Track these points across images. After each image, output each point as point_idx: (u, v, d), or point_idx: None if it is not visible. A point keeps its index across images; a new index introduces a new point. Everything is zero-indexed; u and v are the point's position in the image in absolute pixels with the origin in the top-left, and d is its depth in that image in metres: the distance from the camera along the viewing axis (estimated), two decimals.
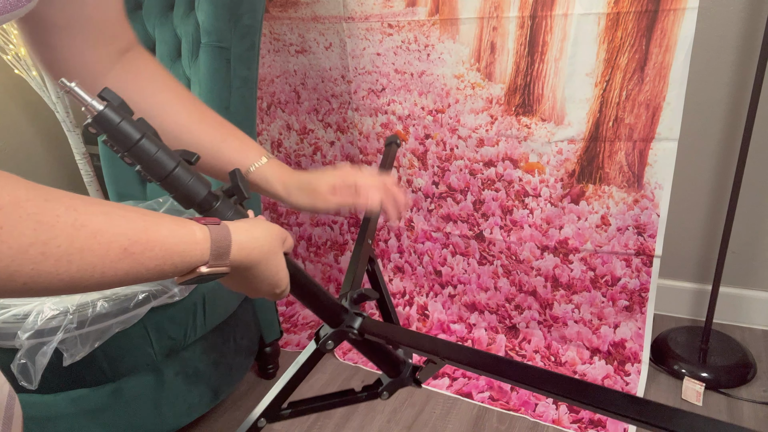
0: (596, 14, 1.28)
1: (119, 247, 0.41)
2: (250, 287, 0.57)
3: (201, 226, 0.49)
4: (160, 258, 0.45)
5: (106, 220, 0.41)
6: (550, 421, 1.40)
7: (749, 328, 1.67)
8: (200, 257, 0.48)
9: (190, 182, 0.56)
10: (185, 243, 0.47)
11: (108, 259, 0.41)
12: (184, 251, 0.46)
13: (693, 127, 1.52)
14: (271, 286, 0.58)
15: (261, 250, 0.54)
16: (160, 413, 1.23)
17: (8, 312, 1.04)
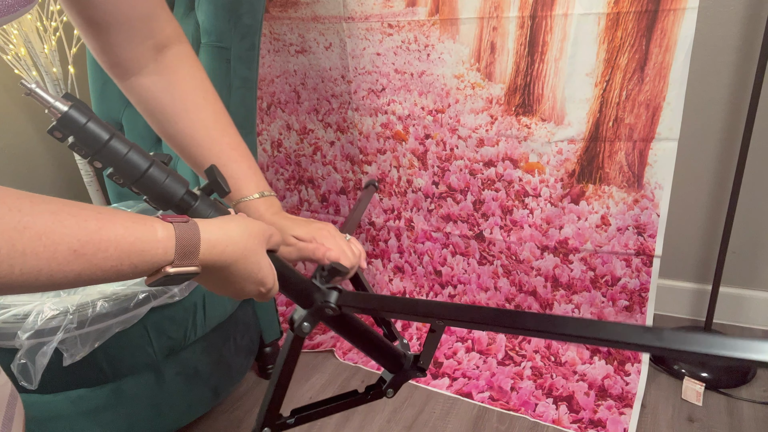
0: (596, 14, 1.28)
1: (68, 248, 0.39)
2: (231, 288, 0.54)
3: (164, 224, 0.46)
4: (116, 258, 0.42)
5: (53, 220, 0.38)
6: (550, 421, 1.40)
7: (749, 328, 1.67)
8: (163, 256, 0.45)
9: (165, 182, 0.53)
10: (144, 242, 0.44)
11: (55, 261, 0.38)
12: (143, 250, 0.44)
13: (693, 127, 1.52)
14: (255, 285, 0.55)
15: (236, 247, 0.51)
16: (160, 413, 1.23)
17: (8, 312, 1.04)
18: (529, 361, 1.59)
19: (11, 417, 0.55)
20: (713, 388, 1.45)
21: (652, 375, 1.51)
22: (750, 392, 1.44)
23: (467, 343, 1.69)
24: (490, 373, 1.57)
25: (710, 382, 1.46)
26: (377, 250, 1.83)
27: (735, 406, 1.41)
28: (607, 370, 1.51)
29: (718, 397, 1.43)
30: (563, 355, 1.58)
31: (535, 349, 1.62)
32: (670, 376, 1.51)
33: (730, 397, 1.43)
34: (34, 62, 1.75)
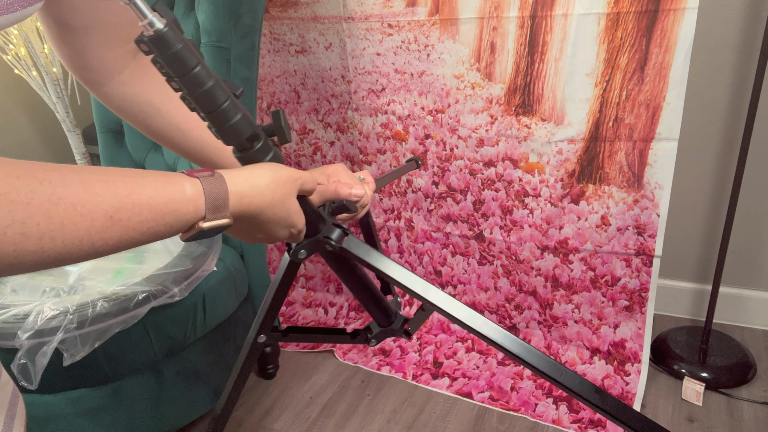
0: (596, 14, 1.28)
1: (104, 215, 0.39)
2: (262, 234, 0.56)
3: (191, 180, 0.46)
4: (151, 220, 0.42)
5: (84, 189, 0.38)
6: (550, 421, 1.40)
7: (749, 328, 1.67)
8: (195, 213, 0.46)
9: (235, 119, 0.53)
10: (176, 201, 0.44)
11: (94, 230, 0.38)
12: (176, 210, 0.44)
13: (693, 127, 1.52)
14: (285, 229, 0.57)
15: (263, 198, 0.52)
16: (160, 413, 1.23)
17: (8, 312, 1.04)
18: None
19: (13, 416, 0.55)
20: (713, 388, 1.45)
21: (652, 375, 1.51)
22: (750, 392, 1.44)
23: (467, 343, 1.69)
24: (490, 373, 1.57)
25: (710, 382, 1.46)
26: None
27: (735, 406, 1.41)
28: (607, 370, 1.51)
29: (718, 397, 1.43)
30: (563, 355, 1.58)
31: None
32: (670, 376, 1.51)
33: (730, 397, 1.43)
34: (34, 62, 1.75)
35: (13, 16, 0.46)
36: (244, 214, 0.51)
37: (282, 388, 1.59)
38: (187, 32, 1.35)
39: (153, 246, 1.33)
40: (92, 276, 1.21)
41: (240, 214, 0.50)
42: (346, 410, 1.49)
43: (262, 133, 0.57)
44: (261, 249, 1.49)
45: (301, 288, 2.01)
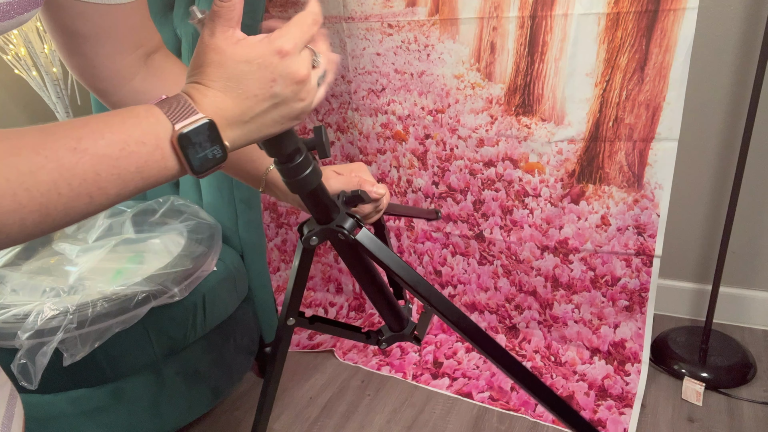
0: (596, 14, 1.28)
1: (86, 194, 0.38)
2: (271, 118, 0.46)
3: (145, 106, 0.42)
4: (119, 141, 0.39)
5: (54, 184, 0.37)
6: (550, 421, 1.40)
7: (749, 328, 1.67)
8: (157, 122, 0.40)
9: (283, 134, 0.52)
10: (132, 117, 0.40)
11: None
12: (135, 123, 0.40)
13: (693, 127, 1.52)
14: (285, 83, 0.44)
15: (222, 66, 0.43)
16: (160, 413, 1.23)
17: (8, 312, 1.04)
18: (529, 361, 1.59)
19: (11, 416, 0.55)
20: (713, 388, 1.45)
21: (652, 375, 1.51)
22: (750, 392, 1.44)
23: (467, 342, 1.69)
24: (490, 373, 1.57)
25: (710, 382, 1.46)
26: None
27: (735, 406, 1.41)
28: (607, 370, 1.51)
29: (718, 397, 1.43)
30: (563, 355, 1.58)
31: (535, 349, 1.62)
32: (670, 376, 1.51)
33: (730, 397, 1.43)
34: (34, 62, 1.75)
35: (8, 23, 0.45)
36: (209, 98, 0.43)
37: (282, 388, 1.59)
38: (186, 32, 1.35)
39: (153, 246, 1.33)
40: (92, 276, 1.21)
41: (207, 104, 0.42)
42: (346, 410, 1.49)
43: (304, 147, 0.59)
44: (261, 249, 1.49)
45: None
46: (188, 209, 1.39)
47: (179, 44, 1.39)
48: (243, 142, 0.46)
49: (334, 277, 1.95)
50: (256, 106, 0.44)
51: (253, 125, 0.45)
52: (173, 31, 1.40)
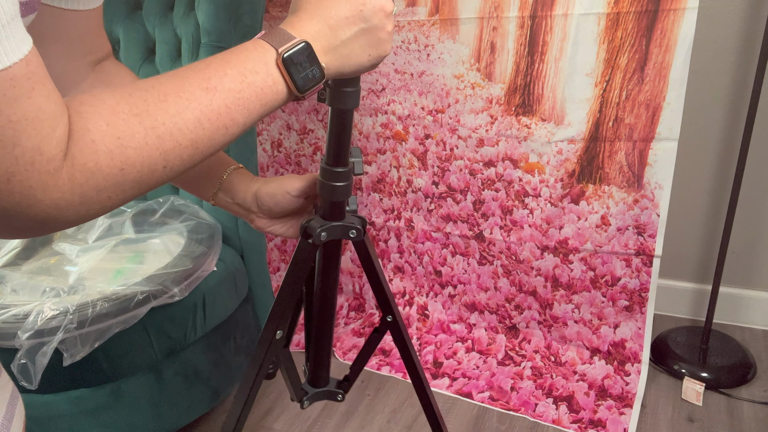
0: (596, 14, 1.28)
1: (222, 126, 0.44)
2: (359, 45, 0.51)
3: (252, 42, 0.48)
4: (252, 95, 0.45)
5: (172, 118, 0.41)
6: (550, 421, 1.40)
7: (749, 328, 1.67)
8: (264, 51, 0.47)
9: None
10: (245, 51, 0.46)
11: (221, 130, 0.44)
12: (247, 57, 0.46)
13: (693, 127, 1.52)
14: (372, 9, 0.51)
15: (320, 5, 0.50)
16: (160, 413, 1.23)
17: (8, 312, 1.04)
18: (529, 361, 1.59)
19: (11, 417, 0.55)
20: (713, 388, 1.45)
21: (652, 375, 1.51)
22: (750, 392, 1.44)
23: (467, 343, 1.69)
24: (490, 373, 1.57)
25: (710, 382, 1.46)
26: (377, 250, 1.83)
27: (735, 406, 1.41)
28: (607, 370, 1.51)
29: (718, 397, 1.43)
30: (563, 355, 1.58)
31: (535, 349, 1.62)
32: (670, 376, 1.51)
33: (730, 397, 1.43)
34: None
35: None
36: (309, 20, 0.49)
37: (282, 388, 1.59)
38: (187, 32, 1.35)
39: (153, 246, 1.33)
40: (92, 276, 1.21)
41: (304, 24, 0.48)
42: (346, 410, 1.49)
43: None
44: (261, 249, 1.49)
45: None
46: (188, 209, 1.39)
47: (179, 44, 1.39)
48: (336, 65, 0.51)
49: None
50: (346, 28, 0.49)
51: (344, 50, 0.50)
52: (173, 30, 1.40)
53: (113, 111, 0.38)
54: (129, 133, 0.38)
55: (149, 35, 1.45)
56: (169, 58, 1.41)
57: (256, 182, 0.72)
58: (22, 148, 0.33)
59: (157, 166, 0.40)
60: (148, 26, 1.45)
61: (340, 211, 0.70)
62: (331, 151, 0.65)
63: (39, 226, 0.37)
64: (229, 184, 0.71)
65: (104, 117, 0.38)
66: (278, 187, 0.70)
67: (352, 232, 0.70)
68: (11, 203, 0.34)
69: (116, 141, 0.38)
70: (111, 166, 0.38)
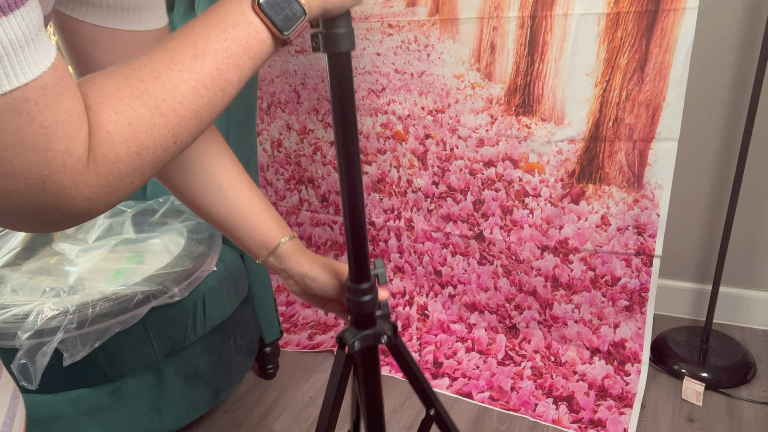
0: (596, 14, 1.28)
1: (219, 89, 0.44)
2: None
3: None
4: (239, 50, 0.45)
5: (169, 88, 0.42)
6: (550, 421, 1.40)
7: (749, 328, 1.67)
8: (246, 3, 0.46)
9: None
10: (234, 14, 0.46)
11: (219, 94, 0.44)
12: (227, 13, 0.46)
13: (693, 127, 1.52)
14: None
15: None
16: (160, 413, 1.23)
17: (8, 312, 1.04)
18: (529, 361, 1.59)
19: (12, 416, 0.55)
20: (713, 388, 1.45)
21: (652, 375, 1.51)
22: (750, 392, 1.44)
23: (467, 343, 1.69)
24: (490, 373, 1.57)
25: (710, 382, 1.46)
26: (377, 250, 1.83)
27: (735, 406, 1.41)
28: (607, 370, 1.51)
29: (718, 397, 1.43)
30: (563, 355, 1.58)
31: (535, 349, 1.62)
32: (670, 376, 1.51)
33: (730, 397, 1.43)
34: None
35: None
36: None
37: (282, 388, 1.59)
38: None
39: (153, 246, 1.33)
40: (92, 276, 1.21)
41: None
42: (345, 409, 1.49)
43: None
44: None
45: None
46: (188, 209, 1.39)
47: None
48: (318, 1, 0.50)
49: None
50: None
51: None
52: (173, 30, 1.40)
53: (117, 97, 0.39)
54: (137, 117, 0.39)
55: None
56: None
57: (307, 257, 0.74)
58: (54, 152, 0.35)
59: (168, 143, 0.41)
60: None
61: (371, 320, 0.73)
62: (351, 261, 0.68)
63: (73, 218, 0.38)
64: (283, 252, 0.73)
65: (111, 106, 0.39)
66: (328, 271, 0.74)
67: (383, 338, 0.74)
68: (47, 202, 0.36)
69: (128, 128, 0.39)
70: (128, 153, 0.39)
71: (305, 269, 0.74)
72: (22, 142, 0.33)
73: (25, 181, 0.35)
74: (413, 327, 1.77)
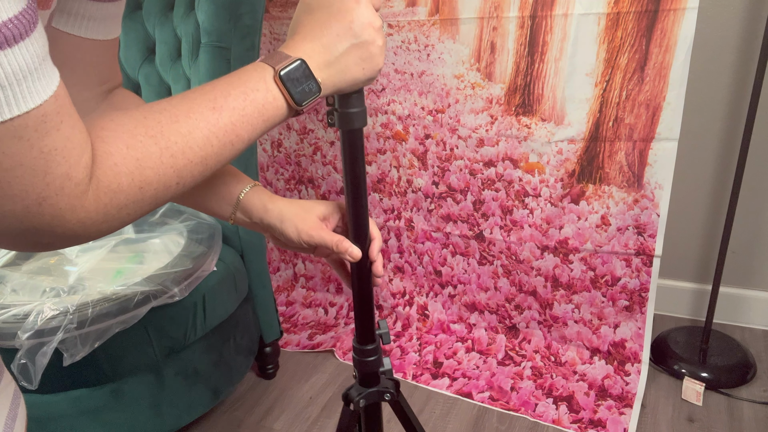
0: (596, 14, 1.28)
1: (229, 142, 0.47)
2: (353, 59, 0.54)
3: (252, 64, 0.50)
4: (255, 111, 0.48)
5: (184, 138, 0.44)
6: (550, 421, 1.40)
7: (749, 328, 1.67)
8: (263, 69, 0.49)
9: None
10: (245, 72, 0.49)
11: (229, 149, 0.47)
12: (247, 78, 0.49)
13: (693, 127, 1.52)
14: (361, 25, 0.53)
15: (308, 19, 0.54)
16: (160, 413, 1.23)
17: (8, 312, 1.04)
18: (529, 361, 1.59)
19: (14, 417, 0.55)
20: (713, 388, 1.45)
21: (652, 375, 1.51)
22: (750, 392, 1.44)
23: (467, 343, 1.69)
24: (490, 373, 1.57)
25: (710, 382, 1.46)
26: None
27: (735, 406, 1.41)
28: (607, 370, 1.51)
29: (718, 397, 1.43)
30: (563, 355, 1.58)
31: (535, 349, 1.62)
32: (670, 376, 1.51)
33: (730, 397, 1.43)
34: None
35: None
36: (300, 39, 0.52)
37: (282, 388, 1.59)
38: (187, 32, 1.35)
39: (153, 246, 1.33)
40: (92, 276, 1.21)
41: (297, 45, 0.52)
42: None
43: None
44: (261, 249, 1.49)
45: (301, 288, 2.01)
46: (188, 209, 1.39)
47: (179, 44, 1.39)
48: (333, 80, 0.54)
49: (334, 277, 1.95)
50: (339, 44, 0.53)
51: (338, 65, 0.53)
52: (173, 30, 1.40)
53: (132, 134, 0.41)
54: (147, 154, 0.41)
55: (149, 35, 1.45)
56: (169, 59, 1.42)
57: (275, 202, 0.70)
58: (53, 176, 0.36)
59: (171, 182, 0.44)
60: (148, 26, 1.45)
61: (375, 378, 0.77)
62: (359, 324, 0.73)
63: (65, 241, 0.40)
64: (246, 203, 0.69)
65: (124, 140, 0.41)
66: (300, 209, 0.69)
67: (386, 395, 0.78)
68: (42, 223, 0.37)
69: (136, 162, 0.41)
70: (131, 185, 0.41)
71: (274, 217, 0.69)
72: (21, 165, 0.35)
73: (22, 202, 0.36)
74: (413, 327, 1.77)
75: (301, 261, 2.01)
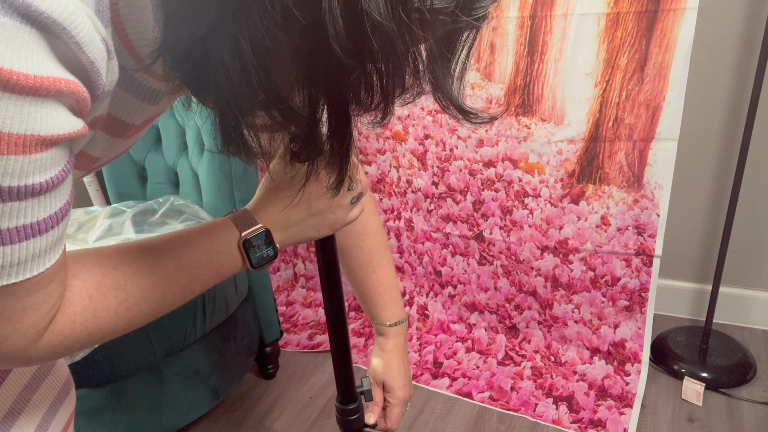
0: (596, 14, 1.28)
1: (181, 296, 0.51)
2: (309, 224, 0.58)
3: (223, 220, 0.53)
4: (213, 270, 0.52)
5: (144, 286, 0.47)
6: (550, 421, 1.40)
7: (749, 328, 1.67)
8: (231, 233, 0.52)
9: None
10: (213, 231, 0.52)
11: (180, 298, 0.51)
12: (215, 238, 0.52)
13: (693, 127, 1.52)
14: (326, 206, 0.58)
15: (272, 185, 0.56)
16: (160, 413, 1.23)
17: None
18: (529, 361, 1.59)
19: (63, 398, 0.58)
20: (713, 388, 1.45)
21: (652, 375, 1.51)
22: (750, 392, 1.44)
23: (467, 343, 1.69)
24: (490, 373, 1.57)
25: (710, 382, 1.46)
26: None
27: (735, 406, 1.41)
28: (607, 370, 1.51)
29: (718, 397, 1.43)
30: (563, 355, 1.58)
31: (535, 349, 1.62)
32: (670, 376, 1.51)
33: (730, 397, 1.43)
34: None
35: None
36: (268, 212, 0.55)
37: (282, 388, 1.59)
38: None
39: None
40: None
41: (265, 215, 0.55)
42: None
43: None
44: None
45: (301, 288, 2.01)
46: (188, 209, 1.39)
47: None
48: (289, 241, 0.57)
49: None
50: (295, 214, 0.56)
51: (295, 229, 0.56)
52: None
53: (98, 286, 0.44)
54: (105, 305, 0.44)
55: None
56: None
57: (381, 348, 0.84)
58: (22, 323, 0.38)
59: (120, 330, 0.46)
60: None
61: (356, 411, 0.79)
62: (339, 382, 0.75)
63: (3, 365, 0.42)
64: (379, 331, 0.85)
65: (89, 292, 0.43)
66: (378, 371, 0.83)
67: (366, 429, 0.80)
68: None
69: (93, 312, 0.43)
70: (83, 331, 0.43)
71: (372, 357, 0.84)
72: (1, 314, 0.37)
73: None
74: (413, 327, 1.77)
75: (301, 261, 2.01)
